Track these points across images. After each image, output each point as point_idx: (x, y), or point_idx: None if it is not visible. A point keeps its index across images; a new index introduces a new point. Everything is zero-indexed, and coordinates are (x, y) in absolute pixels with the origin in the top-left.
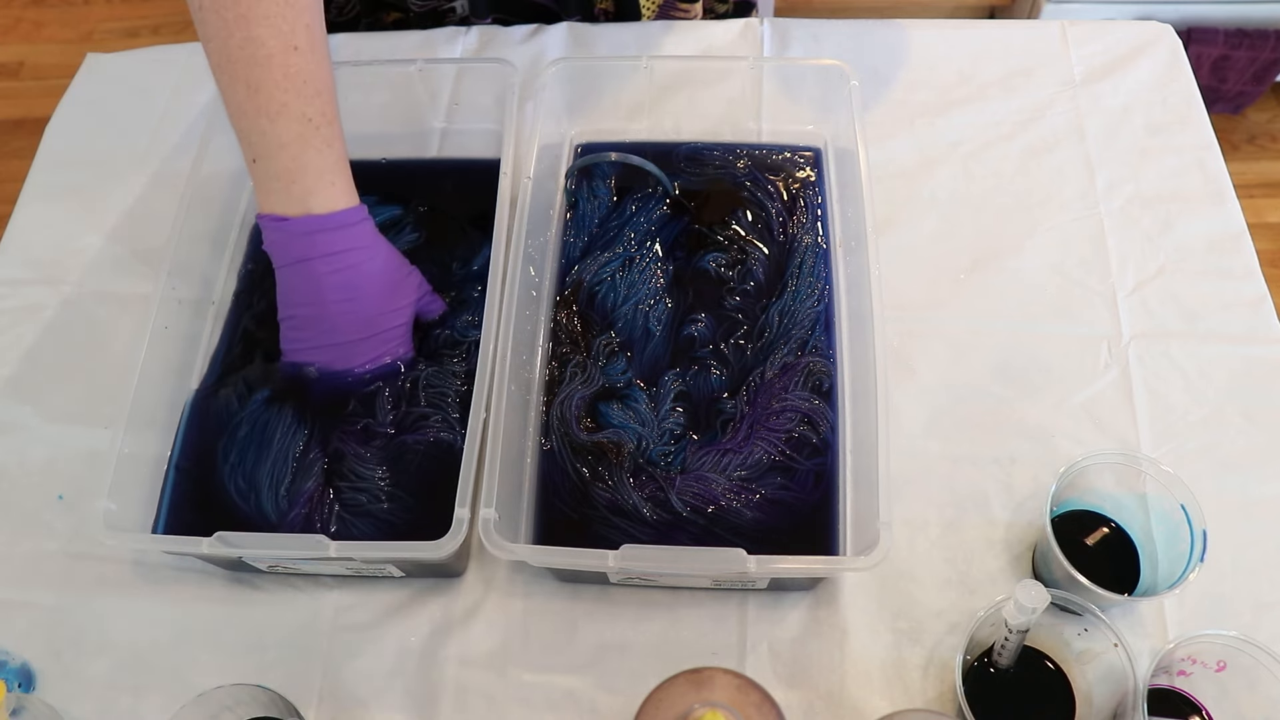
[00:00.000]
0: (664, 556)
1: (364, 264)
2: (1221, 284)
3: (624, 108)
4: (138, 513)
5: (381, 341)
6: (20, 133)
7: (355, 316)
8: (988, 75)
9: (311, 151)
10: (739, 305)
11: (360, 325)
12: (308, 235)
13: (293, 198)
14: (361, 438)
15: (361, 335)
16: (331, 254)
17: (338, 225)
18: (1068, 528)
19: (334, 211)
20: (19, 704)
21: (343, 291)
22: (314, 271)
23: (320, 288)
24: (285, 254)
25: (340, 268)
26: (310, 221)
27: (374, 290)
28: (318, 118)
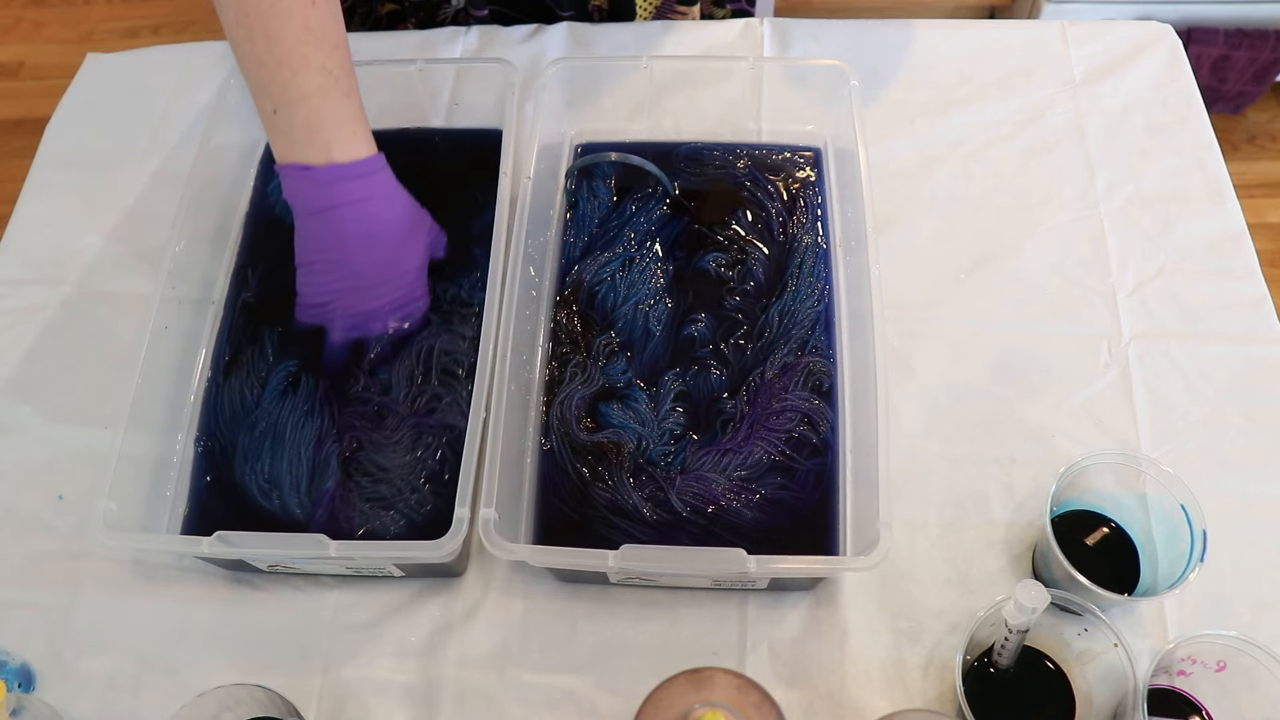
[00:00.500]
0: (664, 556)
1: (385, 211)
2: (1221, 284)
3: (624, 108)
4: (138, 512)
5: (399, 284)
6: (20, 133)
7: (376, 260)
8: (988, 75)
9: (332, 102)
10: (739, 305)
11: (381, 268)
12: (331, 184)
13: (315, 147)
14: (375, 420)
15: (381, 278)
16: (354, 201)
17: (360, 174)
18: (1068, 528)
19: (356, 160)
20: (19, 704)
21: (365, 237)
22: (338, 218)
23: (344, 235)
24: (309, 202)
25: (363, 215)
26: (334, 170)
27: (394, 235)
28: (337, 69)
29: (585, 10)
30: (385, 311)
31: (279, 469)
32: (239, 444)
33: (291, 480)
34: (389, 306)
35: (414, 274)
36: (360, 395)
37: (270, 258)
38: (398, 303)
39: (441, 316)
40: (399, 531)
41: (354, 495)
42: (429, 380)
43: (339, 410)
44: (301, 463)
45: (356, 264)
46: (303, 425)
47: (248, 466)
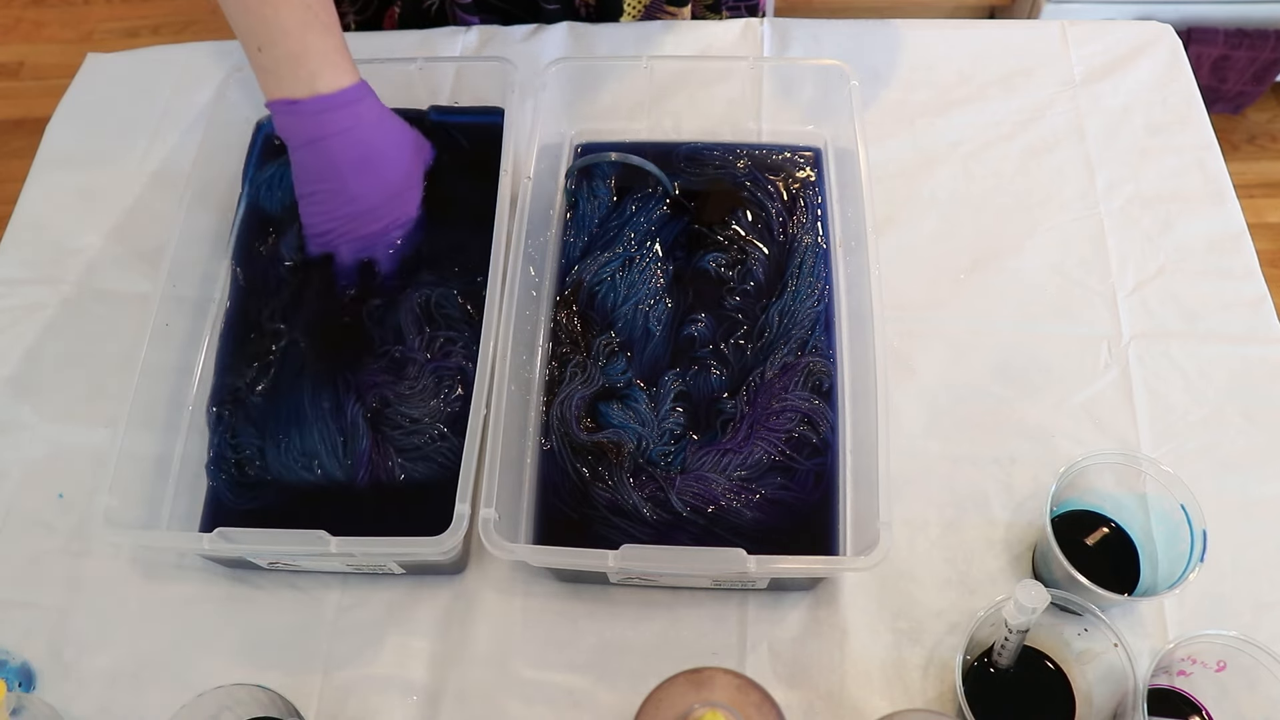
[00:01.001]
0: (664, 556)
1: (374, 136)
2: (1221, 284)
3: (624, 108)
4: (138, 511)
5: (400, 203)
6: (20, 133)
7: (372, 185)
8: (988, 75)
9: (314, 35)
10: (739, 305)
11: (378, 191)
12: (318, 114)
13: (300, 80)
14: (395, 374)
15: (380, 200)
16: (343, 130)
17: (345, 102)
18: (1068, 528)
19: (341, 89)
20: (19, 703)
21: (358, 165)
22: (329, 148)
23: (337, 163)
24: (299, 135)
25: (353, 142)
26: (320, 101)
27: (387, 159)
28: (316, 4)
29: (573, 7)
30: (388, 231)
31: (311, 441)
32: (256, 432)
33: (328, 449)
34: (391, 226)
35: (413, 194)
36: (376, 350)
37: (269, 258)
38: (398, 221)
39: (434, 271)
40: (433, 475)
41: (389, 449)
42: (437, 326)
43: (353, 373)
44: (330, 429)
45: (353, 191)
46: (319, 395)
47: (279, 449)
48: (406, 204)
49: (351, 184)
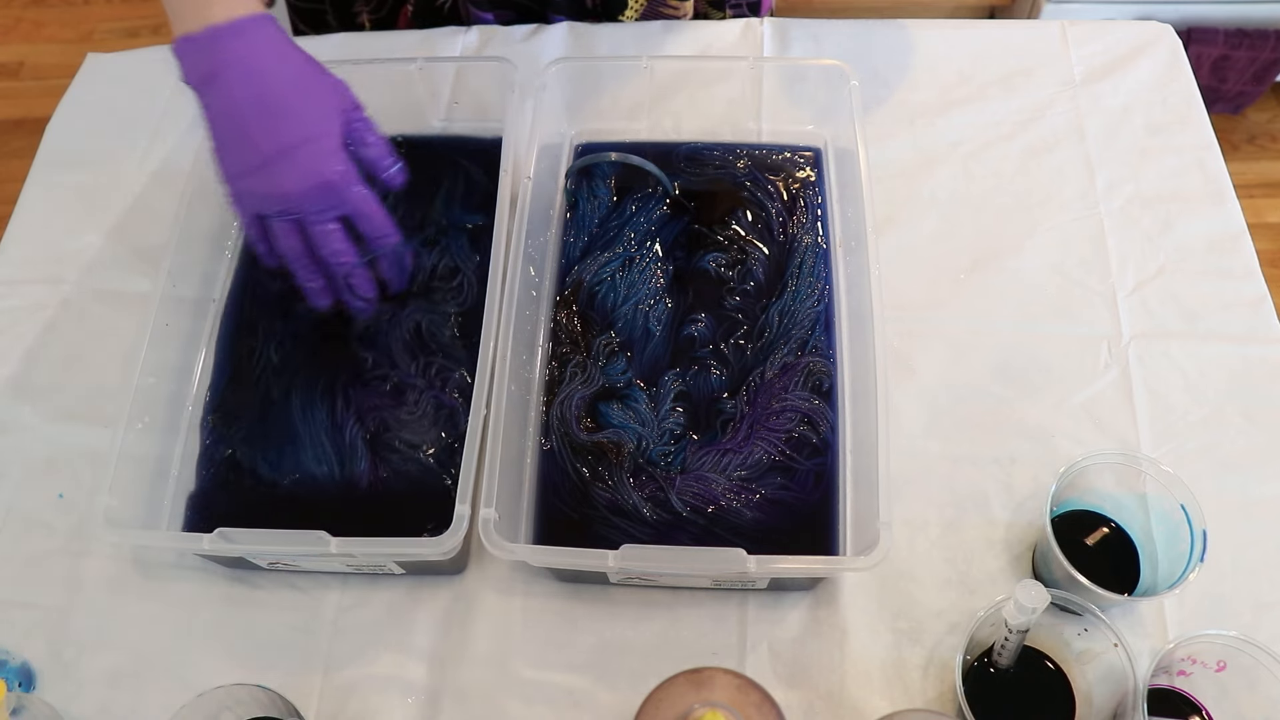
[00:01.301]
0: (664, 556)
1: (273, 70)
2: (1221, 284)
3: (624, 108)
4: (139, 511)
5: (309, 156)
6: (20, 133)
7: (273, 128)
8: (988, 75)
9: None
10: (739, 305)
11: (279, 136)
12: (210, 44)
13: (197, 16)
14: (395, 395)
15: (283, 148)
16: (237, 61)
17: (239, 31)
18: (1068, 528)
19: (235, 18)
20: (19, 703)
21: (257, 102)
22: (226, 85)
23: (235, 101)
24: (195, 72)
25: (249, 75)
26: (211, 31)
27: (289, 96)
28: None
29: (580, 2)
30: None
31: (306, 460)
32: (250, 441)
33: (325, 469)
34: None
35: (327, 145)
36: (371, 373)
37: None
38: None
39: (422, 293)
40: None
41: (388, 471)
42: (431, 352)
43: (351, 390)
44: (327, 451)
45: (254, 134)
46: (313, 411)
47: (269, 465)
48: (325, 155)
49: (252, 125)
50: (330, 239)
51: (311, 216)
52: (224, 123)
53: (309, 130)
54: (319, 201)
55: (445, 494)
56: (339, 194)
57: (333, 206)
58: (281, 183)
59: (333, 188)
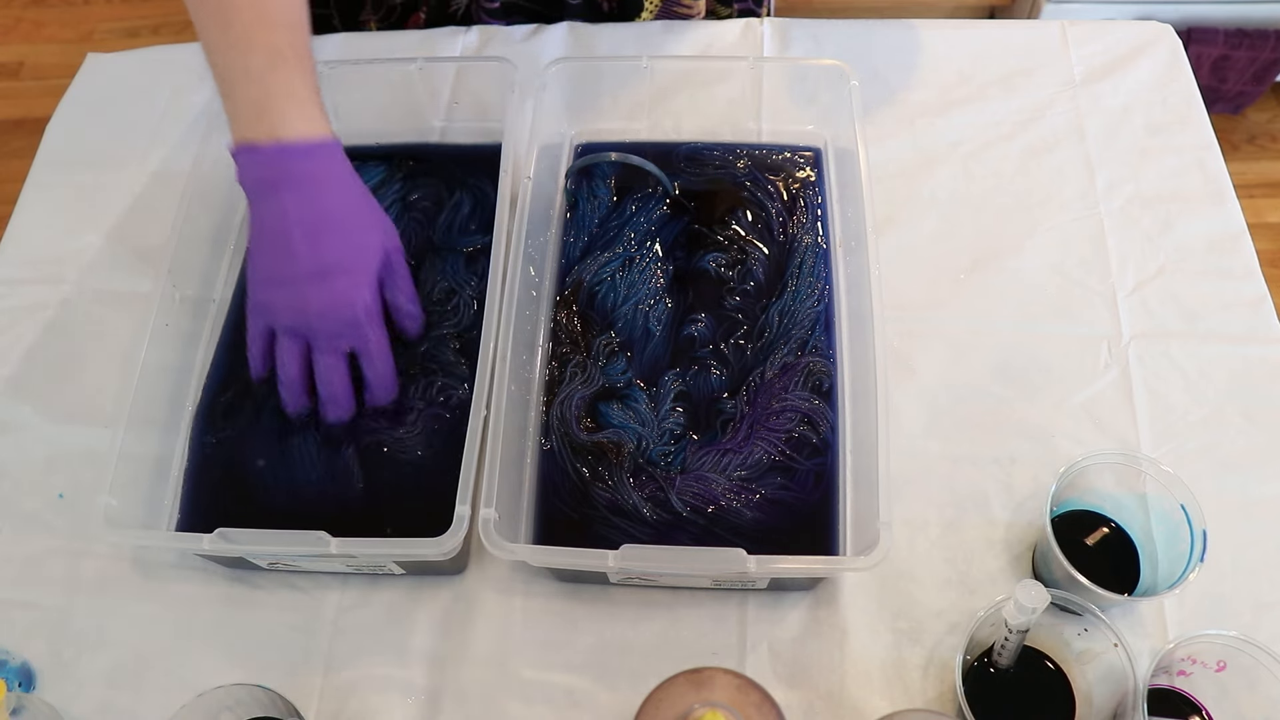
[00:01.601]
0: (664, 556)
1: (330, 195)
2: (1221, 284)
3: (624, 108)
4: (138, 511)
5: (341, 282)
6: (20, 133)
7: (315, 249)
8: (988, 75)
9: (282, 81)
10: (739, 305)
11: (319, 259)
12: (275, 161)
13: (262, 125)
14: (392, 416)
15: (319, 270)
16: (298, 179)
17: (306, 153)
18: (1068, 528)
19: (302, 139)
20: (19, 703)
21: (305, 221)
22: (280, 198)
23: (284, 215)
24: (254, 182)
25: (306, 195)
26: (279, 148)
27: (338, 224)
28: (288, 51)
29: (596, 4)
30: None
31: (301, 482)
32: (250, 441)
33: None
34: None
35: (361, 277)
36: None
37: None
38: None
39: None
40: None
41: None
42: (432, 374)
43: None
44: (322, 476)
45: (297, 249)
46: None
47: (269, 465)
48: (358, 286)
49: (295, 243)
50: (332, 371)
51: (323, 342)
52: (270, 232)
53: (350, 259)
54: (337, 329)
55: (445, 494)
56: (357, 329)
57: (347, 338)
58: (309, 301)
59: (355, 321)
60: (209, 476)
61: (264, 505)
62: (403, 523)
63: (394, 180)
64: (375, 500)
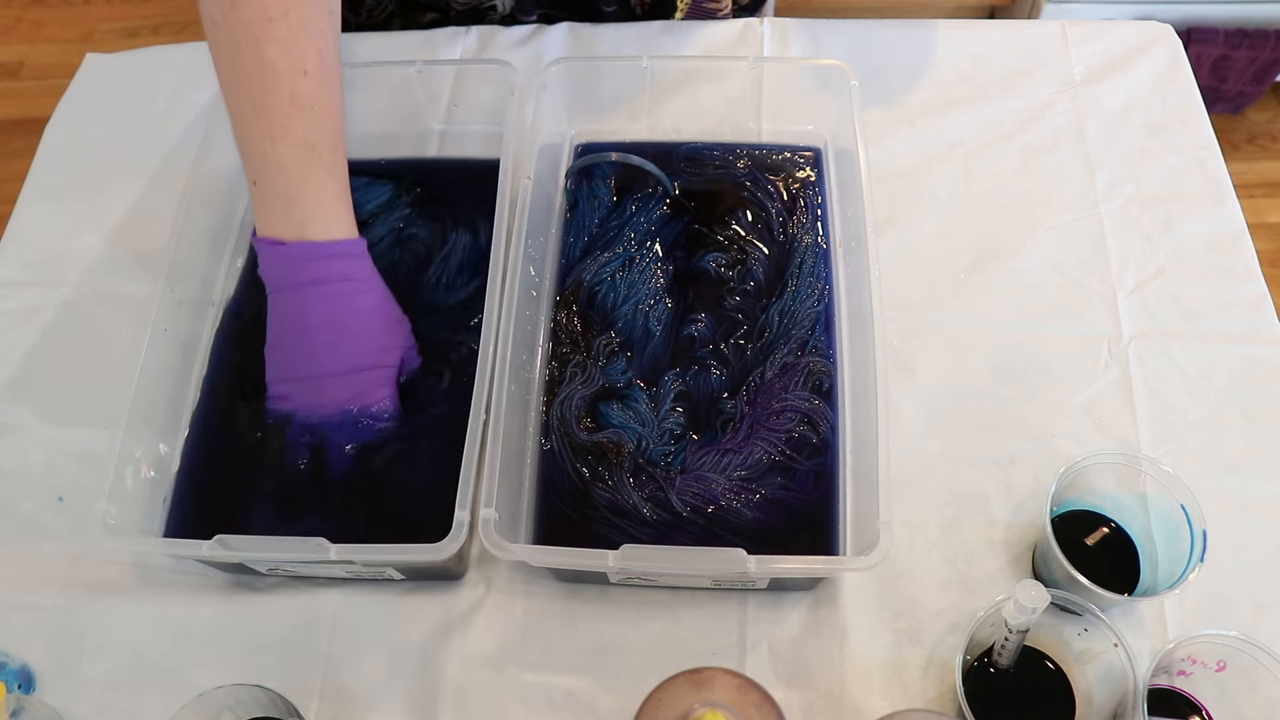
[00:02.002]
0: (664, 556)
1: (354, 297)
2: (1221, 284)
3: (624, 108)
4: (138, 515)
5: (361, 382)
6: (20, 133)
7: (337, 349)
8: (988, 75)
9: (313, 179)
10: (739, 305)
11: (340, 359)
12: (301, 261)
13: (290, 222)
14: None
15: (341, 370)
16: (322, 281)
17: (333, 254)
18: (1068, 528)
19: (330, 240)
20: (19, 705)
21: (328, 321)
22: (303, 297)
23: (307, 315)
24: (278, 278)
25: (330, 296)
26: (306, 248)
27: (360, 325)
28: (321, 144)
29: (628, 6)
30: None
31: (299, 481)
32: (250, 445)
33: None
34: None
35: (381, 377)
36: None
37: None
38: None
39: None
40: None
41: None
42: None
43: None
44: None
45: (315, 350)
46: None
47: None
48: (375, 390)
49: (317, 343)
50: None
51: (336, 436)
52: (290, 329)
53: (371, 362)
54: (353, 424)
55: (445, 498)
56: (375, 421)
57: (360, 438)
58: (328, 400)
59: (373, 415)
60: (208, 480)
61: (263, 510)
62: (402, 527)
63: (398, 205)
64: (375, 504)
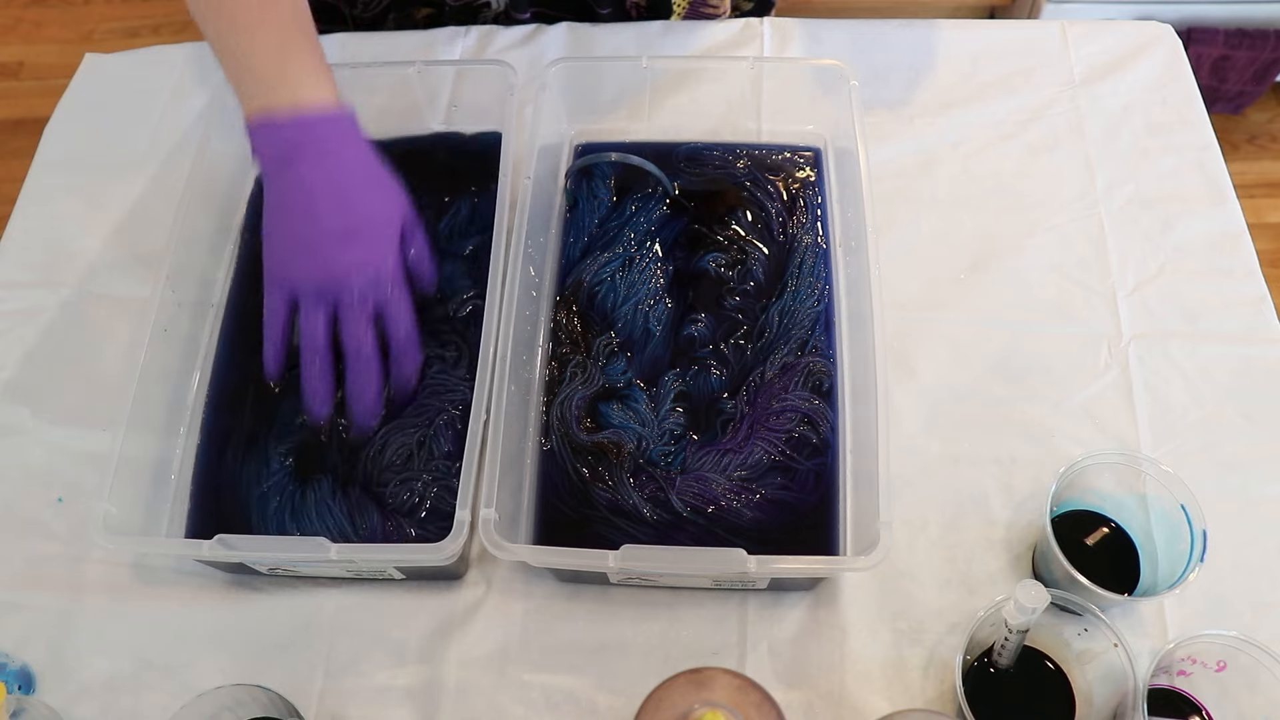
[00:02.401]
0: (664, 557)
1: (351, 161)
2: (1221, 284)
3: (624, 108)
4: (138, 515)
5: (367, 244)
6: (20, 133)
7: (340, 209)
8: (988, 75)
9: (294, 54)
10: (739, 305)
11: (345, 222)
12: (294, 131)
13: (280, 94)
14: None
15: (348, 228)
16: (318, 146)
17: (324, 122)
18: (1068, 528)
19: (320, 107)
20: (19, 706)
21: (328, 183)
22: (300, 166)
23: (306, 181)
24: (272, 154)
25: (327, 161)
26: (296, 117)
27: (360, 187)
28: (294, 28)
29: (624, 8)
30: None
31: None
32: (250, 445)
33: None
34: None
35: (385, 238)
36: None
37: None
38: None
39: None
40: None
41: (398, 518)
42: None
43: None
44: (338, 518)
45: (320, 218)
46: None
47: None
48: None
49: (321, 204)
50: (361, 338)
51: (350, 302)
52: (291, 200)
53: (374, 217)
54: (364, 286)
55: (445, 499)
56: (384, 285)
57: (374, 296)
58: (334, 261)
59: (380, 277)
60: (209, 480)
61: (263, 510)
62: (402, 527)
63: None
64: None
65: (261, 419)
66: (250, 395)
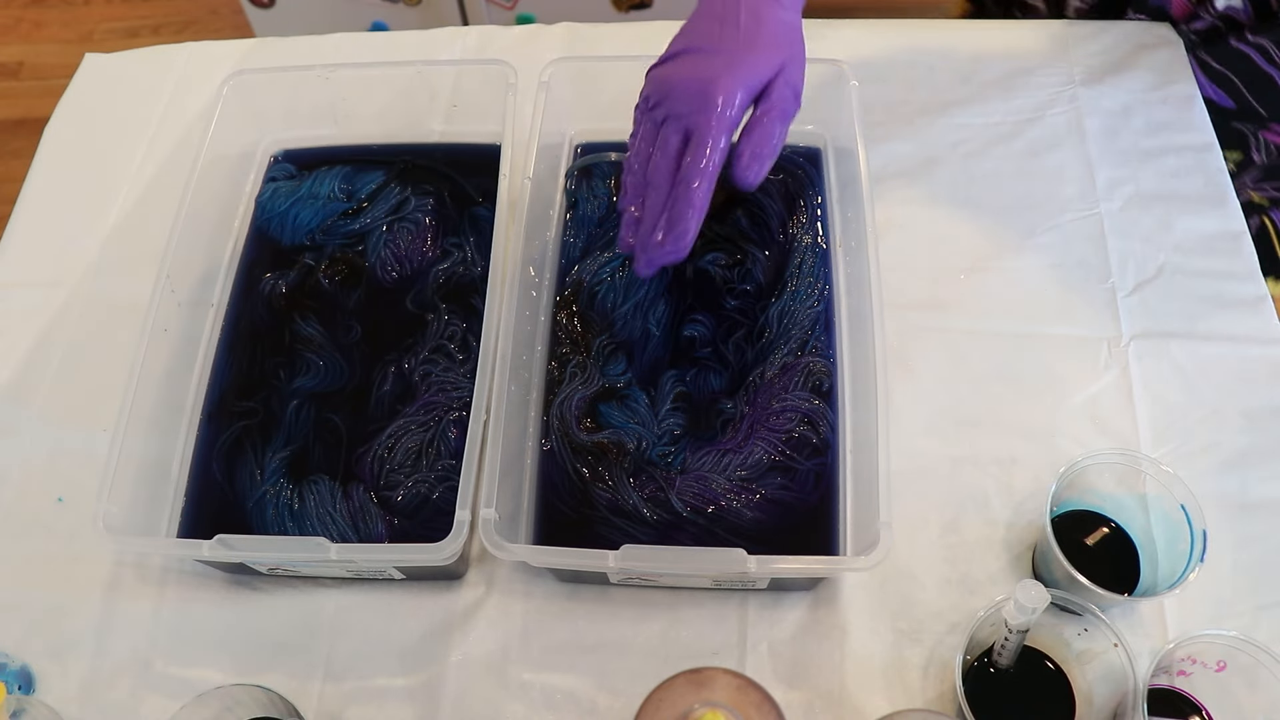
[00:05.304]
0: (664, 557)
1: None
2: (1221, 284)
3: (624, 108)
4: (138, 515)
5: (749, 64)
6: (20, 133)
7: (746, 35)
8: (988, 75)
9: None
10: (739, 305)
11: (744, 42)
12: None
13: None
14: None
15: (741, 46)
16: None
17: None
18: (1068, 528)
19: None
20: (19, 706)
21: (751, 12)
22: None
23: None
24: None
25: None
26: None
27: (770, 23)
28: None
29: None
30: (727, 77)
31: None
32: (249, 445)
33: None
34: (729, 70)
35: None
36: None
37: (268, 262)
38: (732, 84)
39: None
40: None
41: (402, 520)
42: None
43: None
44: (340, 521)
45: (740, 25)
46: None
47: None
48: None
49: (743, 21)
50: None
51: (701, 120)
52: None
53: (775, 51)
54: (722, 114)
55: (445, 499)
56: (731, 121)
57: (721, 127)
58: (718, 67)
59: (728, 112)
60: (209, 480)
61: (263, 509)
62: (402, 528)
63: (390, 188)
64: (375, 505)
65: (262, 419)
66: (250, 395)
